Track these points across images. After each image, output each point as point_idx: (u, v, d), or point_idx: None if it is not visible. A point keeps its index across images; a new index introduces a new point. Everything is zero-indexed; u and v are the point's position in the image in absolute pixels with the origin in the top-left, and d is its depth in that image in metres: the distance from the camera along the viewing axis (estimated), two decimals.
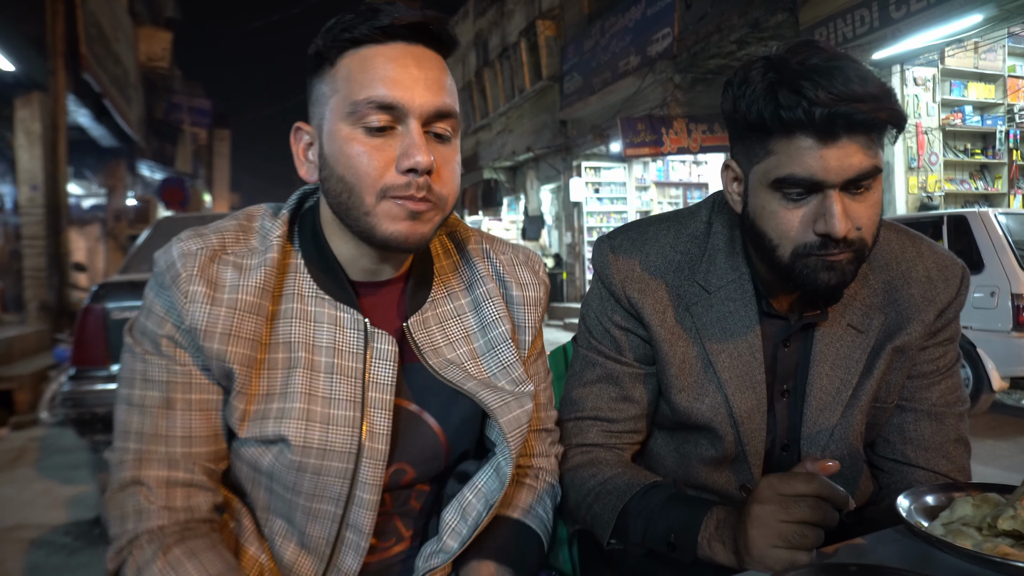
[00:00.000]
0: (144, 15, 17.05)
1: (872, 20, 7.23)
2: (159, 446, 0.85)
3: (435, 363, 0.94)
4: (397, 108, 0.82)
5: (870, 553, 0.84)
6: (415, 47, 0.85)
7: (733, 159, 1.02)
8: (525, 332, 1.03)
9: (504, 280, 1.03)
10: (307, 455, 0.86)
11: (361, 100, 0.82)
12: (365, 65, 0.83)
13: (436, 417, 0.97)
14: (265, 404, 0.87)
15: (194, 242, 0.87)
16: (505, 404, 0.94)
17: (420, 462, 0.96)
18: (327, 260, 0.92)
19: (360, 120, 0.82)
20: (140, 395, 0.86)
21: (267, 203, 0.99)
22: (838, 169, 0.88)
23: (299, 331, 0.89)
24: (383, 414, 0.90)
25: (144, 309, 0.89)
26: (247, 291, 0.86)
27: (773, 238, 0.95)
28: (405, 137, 0.83)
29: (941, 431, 1.09)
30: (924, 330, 1.06)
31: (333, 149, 0.84)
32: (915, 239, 1.12)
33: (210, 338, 0.84)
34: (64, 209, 9.34)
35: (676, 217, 1.16)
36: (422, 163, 0.81)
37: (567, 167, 14.77)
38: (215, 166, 31.58)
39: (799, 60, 0.88)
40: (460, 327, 0.99)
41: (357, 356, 0.90)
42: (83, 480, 4.17)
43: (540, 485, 1.06)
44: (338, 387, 0.89)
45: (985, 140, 9.19)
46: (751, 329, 1.06)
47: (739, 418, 1.06)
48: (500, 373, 0.98)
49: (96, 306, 3.43)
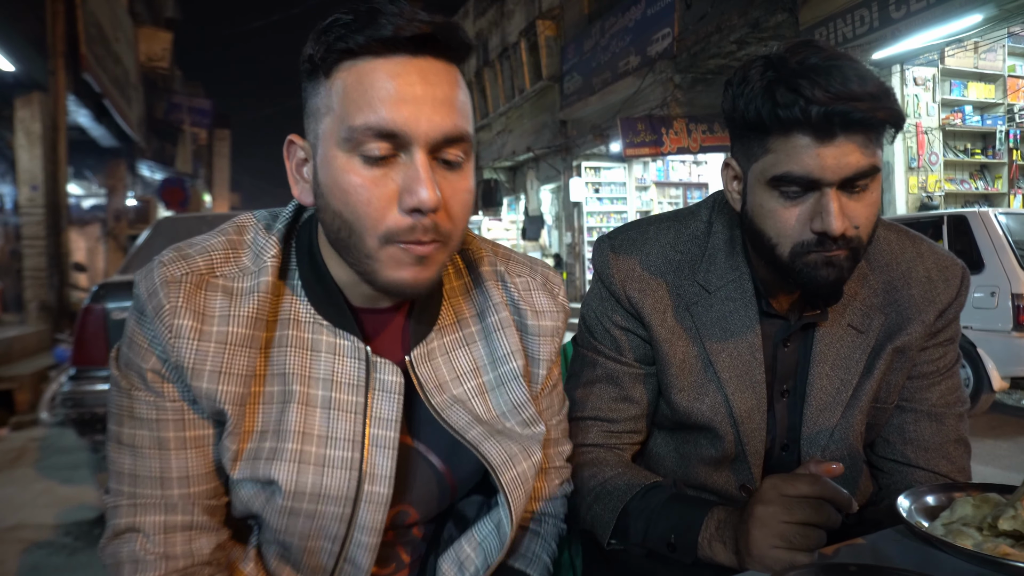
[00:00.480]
0: (144, 15, 17.05)
1: (872, 20, 7.23)
2: (155, 489, 0.79)
3: (438, 402, 0.86)
4: (399, 136, 0.71)
5: (870, 553, 0.84)
6: (421, 60, 0.73)
7: (733, 158, 1.02)
8: (539, 365, 0.94)
9: (519, 307, 0.93)
10: (299, 500, 0.78)
11: (358, 126, 0.71)
12: (363, 82, 0.71)
13: (442, 457, 0.89)
14: (258, 443, 0.79)
15: (178, 266, 0.78)
16: (510, 459, 0.85)
17: (424, 503, 0.90)
18: (325, 283, 0.83)
19: (357, 148, 0.72)
20: (130, 434, 0.79)
21: (259, 212, 0.90)
22: (835, 167, 0.88)
23: (295, 361, 0.81)
24: (386, 453, 0.81)
25: (127, 338, 0.80)
26: (238, 322, 0.78)
27: (772, 236, 0.95)
28: (408, 168, 0.72)
29: (941, 432, 1.09)
30: (924, 331, 1.06)
31: (328, 178, 0.74)
32: (915, 239, 1.12)
33: (198, 377, 0.76)
34: (64, 209, 9.34)
35: (676, 217, 1.16)
36: (427, 202, 0.71)
37: (567, 167, 14.77)
38: (215, 166, 31.57)
39: (798, 60, 0.89)
40: (468, 358, 0.90)
41: (358, 389, 0.82)
42: (83, 480, 4.17)
43: (546, 530, 1.00)
44: (336, 424, 0.80)
45: (985, 140, 9.19)
46: (751, 329, 1.06)
47: (739, 418, 1.06)
48: (510, 412, 0.89)
49: (96, 306, 3.43)
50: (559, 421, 1.02)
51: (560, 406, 1.03)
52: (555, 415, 1.01)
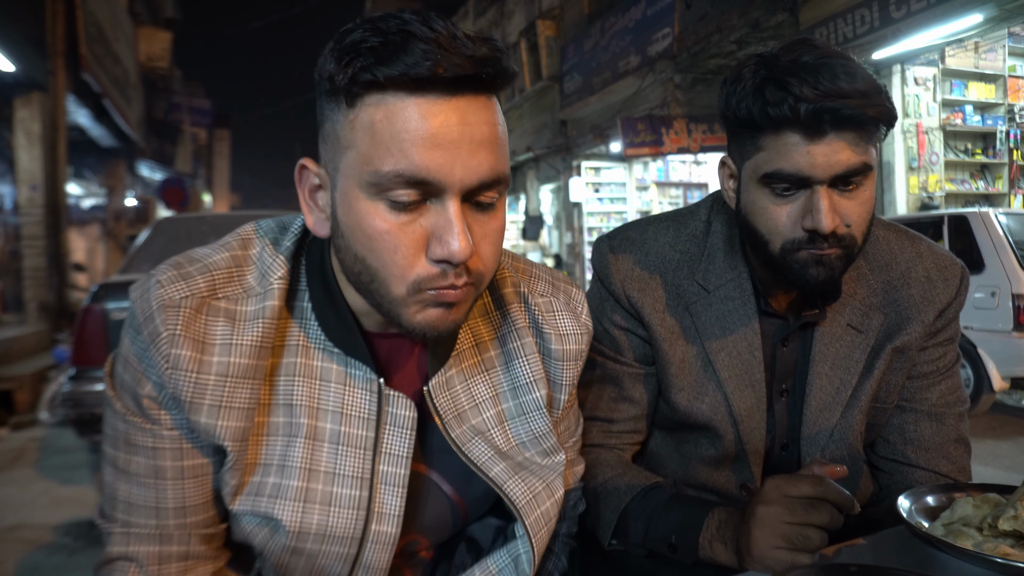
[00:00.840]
0: (144, 15, 17.06)
1: (872, 20, 7.23)
2: (150, 519, 0.76)
3: (458, 435, 0.81)
4: (431, 184, 0.65)
5: (870, 553, 0.84)
6: (459, 99, 0.65)
7: (729, 156, 1.03)
8: (561, 390, 0.90)
9: (542, 331, 0.88)
10: (303, 540, 0.75)
11: (387, 172, 0.64)
12: (392, 122, 0.64)
13: (455, 485, 0.85)
14: (261, 477, 0.75)
15: (176, 288, 0.72)
16: (534, 498, 0.81)
17: (435, 531, 0.87)
18: (338, 306, 0.77)
19: (384, 193, 0.66)
20: (125, 460, 0.76)
21: (265, 221, 0.83)
22: (825, 165, 0.88)
23: (302, 391, 0.76)
24: (395, 491, 0.77)
25: (121, 356, 0.75)
26: (241, 352, 0.72)
27: (764, 233, 0.96)
28: (439, 216, 0.66)
29: (941, 431, 1.09)
30: (924, 330, 1.06)
31: (350, 219, 0.68)
32: (914, 239, 1.12)
33: (197, 411, 0.71)
34: (64, 209, 9.34)
35: (675, 216, 1.16)
36: (458, 254, 0.65)
37: (567, 167, 14.77)
38: (215, 166, 31.60)
39: (790, 58, 0.89)
40: (488, 385, 0.85)
41: (368, 423, 0.77)
42: (83, 480, 4.17)
43: (558, 548, 0.98)
44: (344, 461, 0.76)
45: (985, 140, 9.18)
46: (750, 327, 1.06)
47: (739, 417, 1.06)
48: (530, 442, 0.86)
49: (96, 306, 3.43)
50: (575, 442, 0.99)
51: (576, 426, 1.00)
52: (571, 436, 0.98)
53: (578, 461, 1.01)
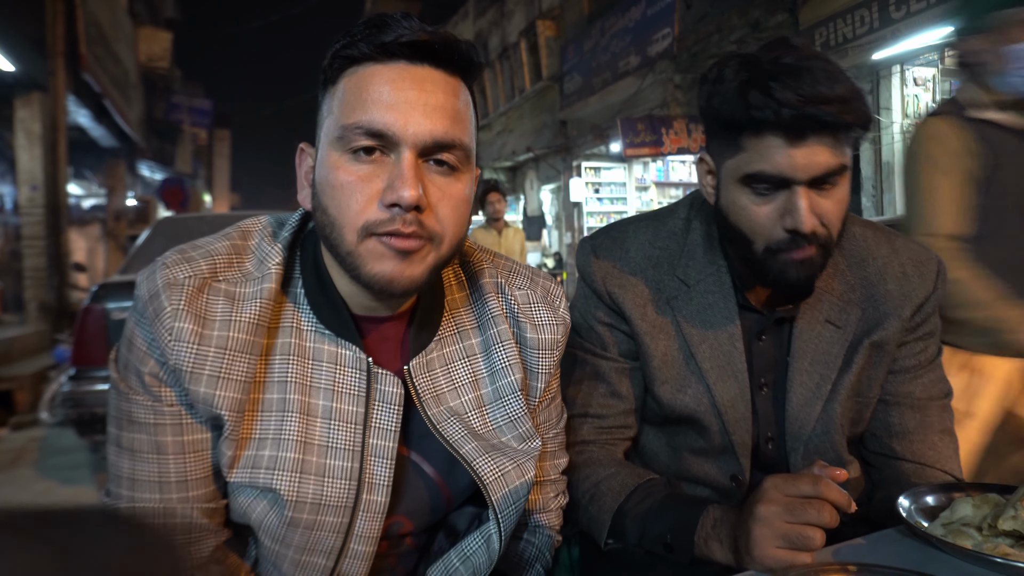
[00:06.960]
0: (144, 15, 17.06)
1: (872, 20, 7.24)
2: (153, 493, 0.79)
3: (435, 413, 0.86)
4: (387, 136, 0.73)
5: (870, 553, 0.84)
6: (419, 68, 0.75)
7: (708, 153, 1.04)
8: (538, 379, 0.94)
9: (518, 320, 0.93)
10: (300, 510, 0.79)
11: (350, 124, 0.73)
12: (360, 86, 0.74)
13: (437, 468, 0.89)
14: (256, 450, 0.80)
15: (181, 269, 0.79)
16: (502, 476, 0.85)
17: (419, 514, 0.90)
18: (328, 292, 0.83)
19: (347, 146, 0.74)
20: (128, 437, 0.80)
21: (264, 217, 0.90)
22: (805, 167, 0.91)
23: (296, 370, 0.81)
24: (385, 463, 0.83)
25: (125, 339, 0.81)
26: (239, 327, 0.78)
27: (747, 233, 0.98)
28: (395, 167, 0.74)
29: (925, 423, 1.11)
30: (901, 326, 1.08)
31: (321, 177, 0.77)
32: (890, 235, 1.14)
33: (196, 381, 0.76)
34: (64, 209, 9.34)
35: (655, 215, 1.19)
36: (406, 198, 0.72)
37: (567, 167, 14.77)
38: (215, 166, 31.61)
39: (771, 59, 0.91)
40: (468, 370, 0.90)
41: (359, 399, 0.82)
42: (83, 480, 4.17)
43: (540, 540, 1.01)
44: (336, 434, 0.81)
45: None
46: (731, 320, 1.08)
47: (722, 408, 1.07)
48: (506, 427, 0.89)
49: (96, 306, 3.43)
50: (556, 434, 1.02)
51: (558, 419, 1.03)
52: (552, 428, 1.01)
53: (561, 455, 1.03)
